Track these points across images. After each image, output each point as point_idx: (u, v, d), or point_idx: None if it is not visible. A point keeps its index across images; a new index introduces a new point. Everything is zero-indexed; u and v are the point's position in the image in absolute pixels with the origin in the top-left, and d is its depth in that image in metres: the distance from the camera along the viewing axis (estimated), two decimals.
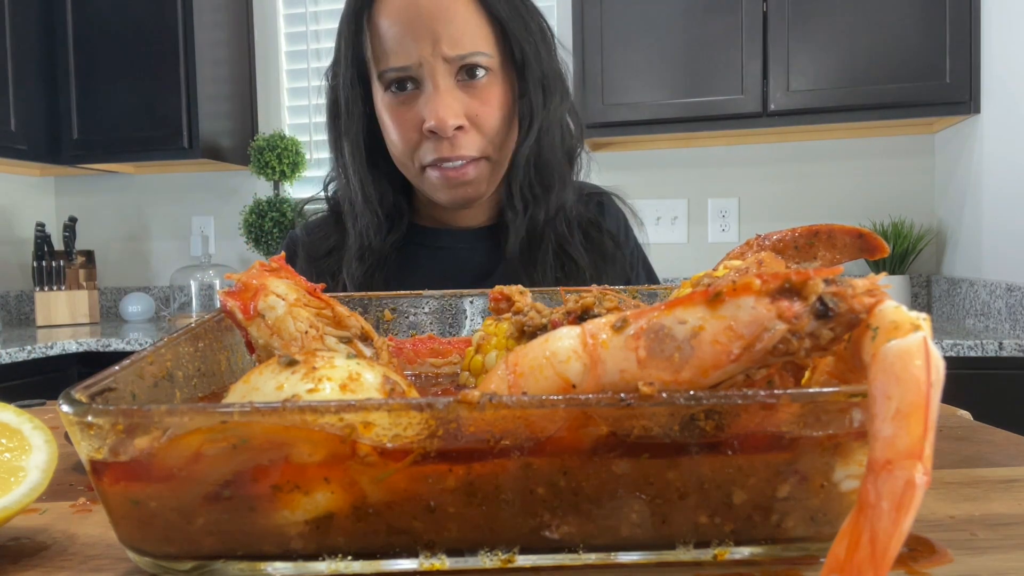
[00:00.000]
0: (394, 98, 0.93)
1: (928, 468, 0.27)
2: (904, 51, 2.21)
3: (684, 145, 2.70)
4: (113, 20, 2.69)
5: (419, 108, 0.91)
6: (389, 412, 0.30)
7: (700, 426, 0.31)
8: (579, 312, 0.48)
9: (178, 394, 0.45)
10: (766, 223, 2.64)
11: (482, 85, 0.93)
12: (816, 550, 0.34)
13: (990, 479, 0.45)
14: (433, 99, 0.90)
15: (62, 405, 0.31)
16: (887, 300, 0.31)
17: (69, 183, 3.20)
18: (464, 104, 0.92)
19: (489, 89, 0.94)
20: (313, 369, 0.36)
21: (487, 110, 0.93)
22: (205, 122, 2.71)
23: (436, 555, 0.33)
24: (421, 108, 0.91)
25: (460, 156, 0.92)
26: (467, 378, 0.55)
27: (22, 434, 0.40)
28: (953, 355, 1.90)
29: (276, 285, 0.48)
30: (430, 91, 0.90)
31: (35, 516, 0.43)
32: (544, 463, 0.32)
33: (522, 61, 0.95)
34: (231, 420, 0.30)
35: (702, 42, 2.34)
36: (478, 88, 0.93)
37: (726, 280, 0.42)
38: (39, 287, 2.81)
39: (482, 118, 0.93)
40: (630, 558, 0.34)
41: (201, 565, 0.33)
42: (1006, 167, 2.10)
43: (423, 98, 0.91)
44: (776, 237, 0.56)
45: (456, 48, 0.90)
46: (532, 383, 0.35)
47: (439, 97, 0.90)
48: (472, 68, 0.91)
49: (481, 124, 0.93)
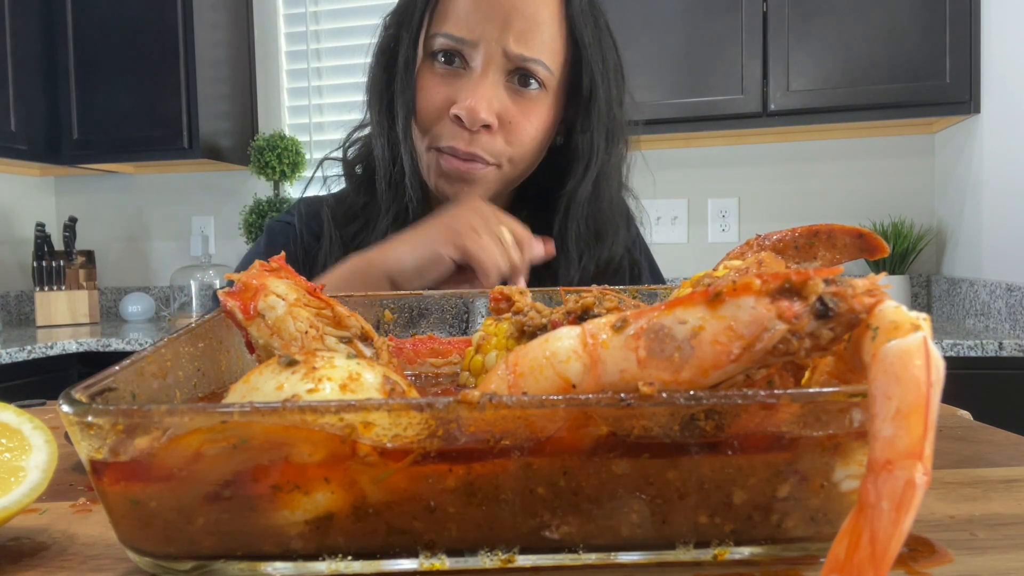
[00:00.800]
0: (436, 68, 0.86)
1: (928, 468, 0.27)
2: (904, 51, 2.21)
3: (684, 145, 2.70)
4: (113, 20, 2.69)
5: (457, 88, 0.85)
6: (389, 412, 0.30)
7: (700, 426, 0.31)
8: (579, 312, 0.48)
9: (178, 394, 0.45)
10: (766, 223, 2.64)
11: (530, 97, 0.87)
12: (816, 550, 0.34)
13: (990, 479, 0.45)
14: (475, 85, 0.83)
15: (62, 405, 0.31)
16: (887, 300, 0.31)
17: (69, 183, 3.20)
18: (503, 105, 0.85)
19: (535, 104, 0.87)
20: (313, 369, 0.36)
21: (523, 121, 0.86)
22: (205, 122, 2.71)
23: (436, 555, 0.33)
24: (458, 89, 0.85)
25: (473, 155, 0.85)
26: (467, 378, 0.55)
27: (22, 434, 0.40)
28: (953, 355, 1.90)
29: (276, 285, 0.48)
30: (476, 75, 0.84)
31: (35, 516, 0.43)
32: (544, 463, 0.32)
33: (590, 94, 0.89)
34: (231, 420, 0.30)
35: (702, 42, 2.34)
36: (524, 98, 0.86)
37: (726, 280, 0.42)
38: (39, 287, 2.81)
39: (515, 127, 0.86)
40: (630, 558, 0.34)
41: (201, 565, 0.33)
42: (1006, 167, 2.10)
43: (465, 80, 0.85)
44: (776, 237, 0.56)
45: (522, 46, 0.83)
46: (532, 383, 0.35)
47: (482, 86, 0.83)
48: (527, 76, 0.85)
49: (511, 132, 0.86)
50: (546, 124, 0.89)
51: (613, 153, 0.92)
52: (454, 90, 0.85)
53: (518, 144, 0.87)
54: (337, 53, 2.95)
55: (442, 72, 0.86)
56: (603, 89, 0.89)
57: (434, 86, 0.86)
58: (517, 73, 0.85)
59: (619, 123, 0.92)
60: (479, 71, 0.84)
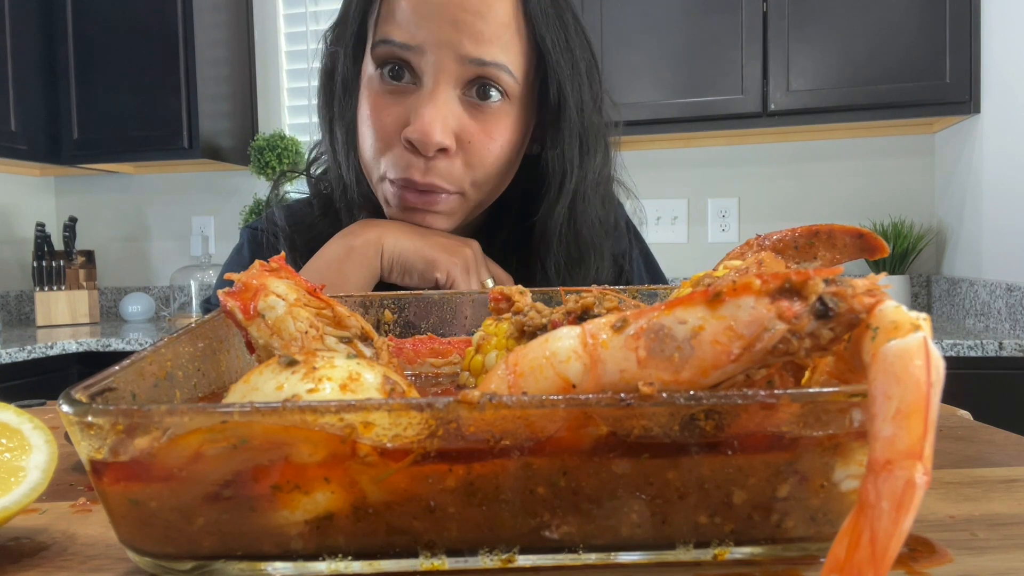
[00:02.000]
0: (383, 84, 0.76)
1: (928, 468, 0.27)
2: (904, 51, 2.21)
3: (684, 145, 2.70)
4: (113, 20, 2.69)
5: (407, 107, 0.75)
6: (389, 412, 0.30)
7: (700, 426, 0.31)
8: (579, 312, 0.48)
9: (178, 394, 0.45)
10: (766, 223, 2.64)
11: (492, 111, 0.76)
12: (816, 550, 0.34)
13: (990, 479, 0.45)
14: (426, 102, 0.73)
15: (62, 405, 0.31)
16: (887, 300, 0.31)
17: (69, 183, 3.20)
18: (460, 123, 0.75)
19: (498, 119, 0.76)
20: (313, 369, 0.36)
21: (484, 140, 0.76)
22: (205, 122, 2.71)
23: (436, 555, 0.33)
24: (409, 108, 0.74)
25: (431, 185, 0.75)
26: (467, 378, 0.55)
27: (22, 434, 0.40)
28: (953, 355, 1.90)
29: (276, 285, 0.48)
30: (427, 91, 0.74)
31: (35, 516, 0.43)
32: (544, 463, 0.32)
33: (558, 103, 0.78)
34: (231, 420, 0.30)
35: (702, 42, 2.34)
36: (485, 112, 0.76)
37: (726, 280, 0.42)
38: (39, 287, 2.81)
39: (475, 147, 0.76)
40: (630, 558, 0.34)
41: (201, 565, 0.33)
42: (1006, 167, 2.10)
43: (416, 97, 0.75)
44: (776, 237, 0.56)
45: (478, 49, 0.73)
46: (532, 383, 0.35)
47: (434, 103, 0.73)
48: (486, 87, 0.75)
49: (471, 154, 0.76)
50: (511, 141, 0.78)
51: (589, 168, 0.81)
52: (404, 110, 0.75)
53: (480, 167, 0.77)
54: None
55: (392, 89, 0.76)
56: (573, 97, 0.78)
57: (384, 105, 0.76)
58: (475, 84, 0.75)
59: (595, 130, 0.82)
60: (431, 84, 0.74)
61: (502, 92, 0.76)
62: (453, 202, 0.79)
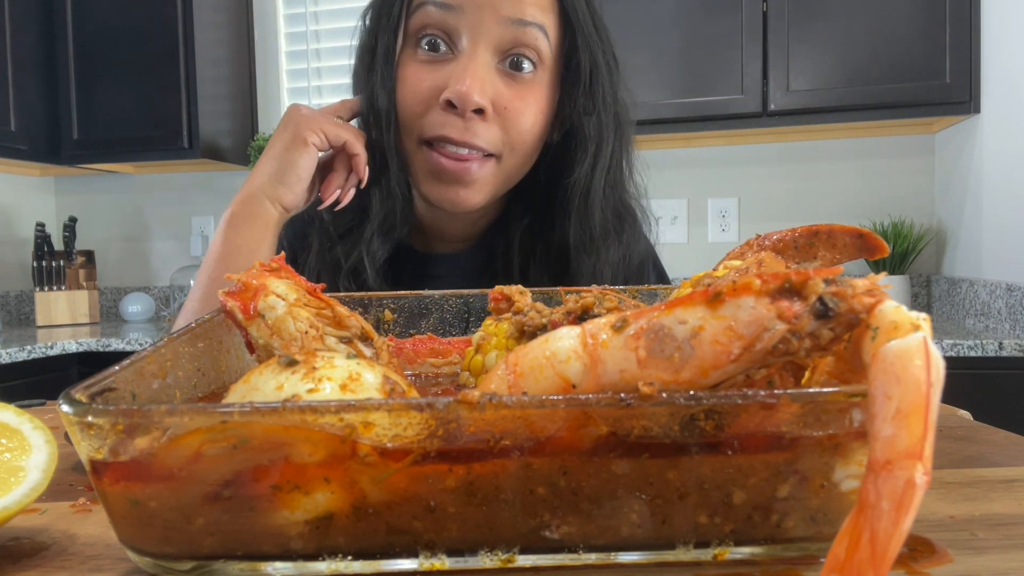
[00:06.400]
0: (420, 56, 0.80)
1: (928, 468, 0.27)
2: (904, 51, 2.21)
3: (684, 145, 2.70)
4: (113, 20, 2.69)
5: (445, 75, 0.78)
6: (389, 412, 0.30)
7: (700, 426, 0.31)
8: (579, 312, 0.48)
9: (178, 394, 0.45)
10: (766, 223, 2.64)
11: (525, 81, 0.80)
12: (816, 550, 0.34)
13: (990, 479, 0.45)
14: (465, 67, 0.77)
15: (62, 405, 0.31)
16: (887, 300, 0.31)
17: (69, 183, 3.20)
18: (496, 90, 0.79)
19: (531, 87, 0.81)
20: (313, 369, 0.36)
21: (519, 106, 0.80)
22: (205, 122, 2.71)
23: (436, 555, 0.33)
24: (447, 75, 0.78)
25: (468, 144, 0.79)
26: (467, 378, 0.55)
27: (22, 434, 0.40)
28: (953, 355, 1.89)
29: (276, 285, 0.48)
30: (465, 57, 0.78)
31: (35, 516, 0.43)
32: (544, 463, 0.32)
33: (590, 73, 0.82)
34: (231, 420, 0.30)
35: (702, 42, 2.34)
36: (519, 82, 0.80)
37: (726, 280, 0.42)
38: (39, 287, 2.81)
39: (511, 113, 0.80)
40: (630, 558, 0.34)
41: (201, 565, 0.33)
42: (1006, 167, 2.10)
43: (453, 64, 0.79)
44: (776, 237, 0.56)
45: (515, 10, 0.77)
46: (532, 383, 0.35)
47: (472, 67, 0.77)
48: (519, 59, 0.79)
49: (507, 119, 0.80)
50: (543, 110, 0.83)
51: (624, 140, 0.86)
52: (442, 76, 0.79)
53: (515, 132, 0.81)
54: (337, 53, 2.94)
55: (429, 59, 0.80)
56: (604, 68, 0.83)
57: (421, 73, 0.80)
58: (509, 56, 0.80)
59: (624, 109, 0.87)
60: (467, 52, 0.78)
61: (535, 63, 0.81)
62: (488, 169, 0.82)
